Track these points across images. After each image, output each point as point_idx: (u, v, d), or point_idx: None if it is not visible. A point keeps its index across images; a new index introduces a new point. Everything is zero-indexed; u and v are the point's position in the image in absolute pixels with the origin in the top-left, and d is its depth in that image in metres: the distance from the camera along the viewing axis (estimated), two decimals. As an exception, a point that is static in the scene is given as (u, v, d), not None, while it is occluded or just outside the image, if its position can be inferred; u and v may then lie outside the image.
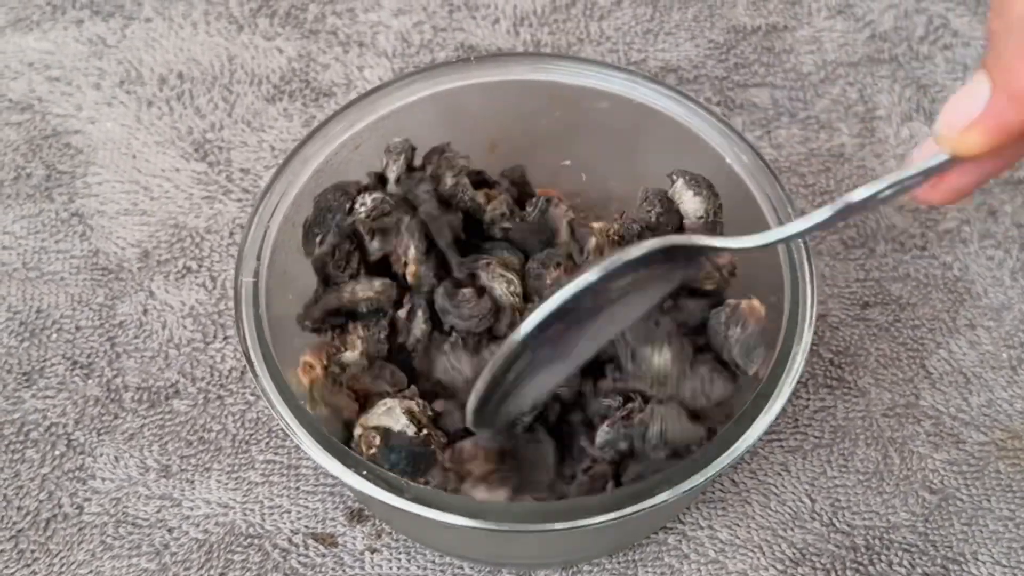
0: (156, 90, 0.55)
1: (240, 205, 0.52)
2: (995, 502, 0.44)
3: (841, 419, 0.46)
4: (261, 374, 0.37)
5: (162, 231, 0.51)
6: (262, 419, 0.46)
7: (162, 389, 0.46)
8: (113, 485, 0.44)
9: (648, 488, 0.35)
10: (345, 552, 0.43)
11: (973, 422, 0.46)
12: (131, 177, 0.52)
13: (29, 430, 0.45)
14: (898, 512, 0.43)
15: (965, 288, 0.49)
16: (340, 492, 0.44)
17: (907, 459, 0.45)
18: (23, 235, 0.51)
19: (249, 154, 0.53)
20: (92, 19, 0.58)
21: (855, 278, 0.49)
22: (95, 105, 0.55)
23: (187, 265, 0.50)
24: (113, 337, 0.48)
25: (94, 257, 0.50)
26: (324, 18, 0.58)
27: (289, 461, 0.45)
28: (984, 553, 0.42)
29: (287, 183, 0.42)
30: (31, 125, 0.54)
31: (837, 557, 0.42)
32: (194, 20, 0.58)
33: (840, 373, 0.47)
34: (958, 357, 0.47)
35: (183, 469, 0.44)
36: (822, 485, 0.44)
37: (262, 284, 0.40)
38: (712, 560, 0.42)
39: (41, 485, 0.44)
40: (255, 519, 0.43)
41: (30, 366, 0.47)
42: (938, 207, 0.51)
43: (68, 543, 0.43)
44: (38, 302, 0.49)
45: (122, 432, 0.45)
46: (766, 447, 0.45)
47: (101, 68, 0.56)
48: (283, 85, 0.56)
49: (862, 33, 0.58)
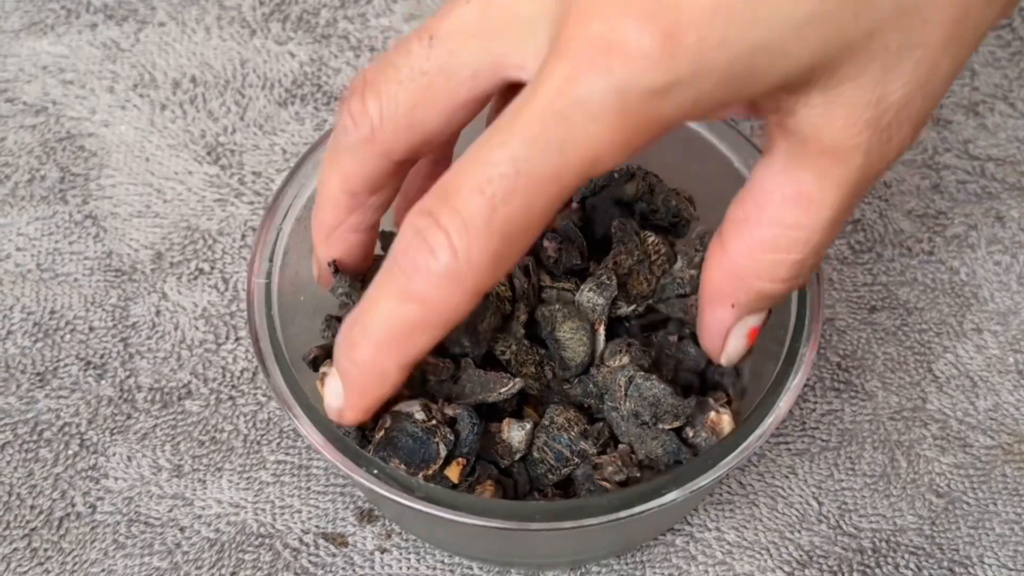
0: (169, 94, 0.56)
1: (252, 208, 0.52)
2: (1001, 506, 0.44)
3: (848, 422, 0.46)
4: (273, 375, 0.38)
5: (175, 233, 0.51)
6: (273, 420, 0.46)
7: (174, 390, 0.47)
8: (126, 484, 0.44)
9: (656, 488, 0.35)
10: (355, 552, 0.43)
11: (980, 426, 0.46)
12: (144, 180, 0.53)
13: (42, 430, 0.46)
14: (905, 515, 0.44)
15: (972, 293, 0.49)
16: (350, 493, 0.44)
17: (914, 462, 0.45)
18: (37, 236, 0.51)
19: (261, 157, 0.54)
20: (106, 23, 0.59)
21: (862, 282, 0.50)
22: (109, 108, 0.56)
23: (199, 267, 0.50)
24: (126, 338, 0.48)
25: (107, 259, 0.50)
26: (336, 23, 0.59)
27: (300, 461, 0.45)
28: (990, 556, 0.43)
29: (299, 186, 0.42)
30: (45, 128, 0.55)
31: (844, 559, 0.43)
32: (207, 24, 0.59)
33: (847, 376, 0.47)
34: (965, 361, 0.48)
35: (195, 469, 0.45)
36: (829, 488, 0.44)
37: (274, 286, 0.40)
38: (719, 562, 0.43)
39: (54, 484, 0.44)
40: (266, 519, 0.44)
41: (44, 366, 0.47)
42: (945, 212, 0.52)
43: (81, 542, 0.43)
44: (52, 303, 0.49)
45: (135, 432, 0.46)
46: (773, 450, 0.45)
47: (115, 72, 0.57)
48: (295, 89, 0.56)
49: (870, 39, 0.58)
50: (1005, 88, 0.56)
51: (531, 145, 0.28)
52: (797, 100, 0.29)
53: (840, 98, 0.29)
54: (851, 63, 0.28)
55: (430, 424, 0.36)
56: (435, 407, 0.37)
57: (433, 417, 0.36)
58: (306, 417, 0.37)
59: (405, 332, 0.31)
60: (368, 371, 0.33)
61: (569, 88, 0.27)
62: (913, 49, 0.28)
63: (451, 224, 0.29)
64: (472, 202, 0.29)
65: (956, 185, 0.53)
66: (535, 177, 0.28)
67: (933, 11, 0.28)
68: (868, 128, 0.29)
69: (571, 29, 0.27)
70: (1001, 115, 0.55)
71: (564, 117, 0.28)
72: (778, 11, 0.27)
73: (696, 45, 0.27)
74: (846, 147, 0.30)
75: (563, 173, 0.28)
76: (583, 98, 0.27)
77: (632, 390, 0.37)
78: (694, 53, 0.27)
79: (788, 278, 0.33)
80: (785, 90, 0.29)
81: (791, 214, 0.31)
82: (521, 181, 0.28)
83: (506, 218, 0.29)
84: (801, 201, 0.31)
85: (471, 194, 0.29)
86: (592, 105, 0.27)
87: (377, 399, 0.34)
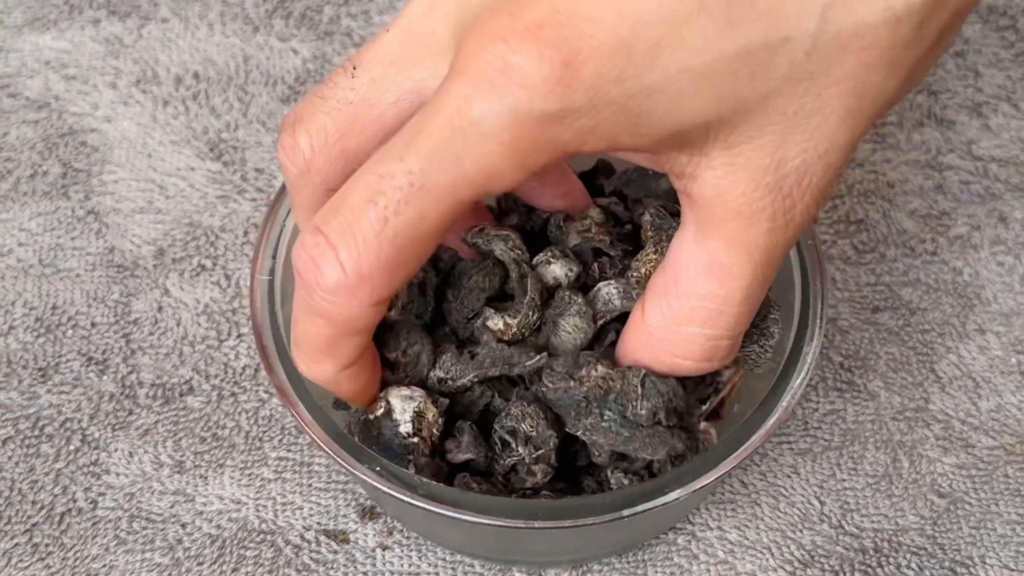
0: (172, 90, 0.56)
1: (254, 204, 0.52)
2: (1003, 506, 0.44)
3: (851, 422, 0.46)
4: (276, 371, 0.38)
5: (177, 229, 0.51)
6: (275, 416, 0.46)
7: (176, 386, 0.47)
8: (127, 480, 0.44)
9: (659, 486, 0.35)
10: (357, 549, 0.43)
11: (982, 426, 0.46)
12: (146, 176, 0.53)
13: (44, 425, 0.46)
14: (907, 515, 0.44)
15: (975, 293, 0.49)
16: (352, 489, 0.44)
17: (916, 463, 0.45)
18: (39, 232, 0.51)
19: (264, 154, 0.54)
20: (109, 19, 0.59)
21: (865, 282, 0.50)
22: (111, 104, 0.55)
23: (202, 263, 0.50)
24: (128, 334, 0.48)
25: (109, 254, 0.50)
26: (339, 20, 0.59)
27: (302, 458, 0.45)
28: (992, 557, 0.43)
29: (303, 182, 0.42)
30: (47, 123, 0.55)
31: (846, 559, 0.43)
32: (210, 21, 0.58)
33: (850, 376, 0.47)
34: (968, 362, 0.48)
35: (197, 465, 0.45)
36: (831, 488, 0.44)
37: (277, 282, 0.40)
38: (721, 561, 0.43)
39: (56, 480, 0.44)
40: (268, 515, 0.43)
41: (45, 362, 0.47)
42: (948, 213, 0.52)
43: (82, 537, 0.43)
44: (54, 298, 0.49)
45: (136, 428, 0.46)
46: (776, 449, 0.45)
47: (117, 67, 0.57)
48: (298, 86, 0.56)
49: (874, 39, 0.58)
50: (1008, 89, 0.56)
51: (428, 159, 0.29)
52: (699, 162, 0.30)
53: (740, 159, 0.30)
54: (748, 123, 0.29)
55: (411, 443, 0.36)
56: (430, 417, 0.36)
57: (419, 435, 0.36)
58: (308, 414, 0.37)
59: (325, 344, 0.33)
60: (317, 379, 0.34)
61: (466, 107, 0.28)
62: (809, 117, 0.29)
63: (340, 240, 0.30)
64: (364, 214, 0.29)
65: (959, 186, 0.53)
66: (429, 190, 0.29)
67: (828, 82, 0.29)
68: (770, 192, 0.30)
69: (472, 50, 0.28)
70: (1005, 116, 0.55)
71: (461, 133, 0.28)
72: (675, 61, 0.28)
73: (593, 78, 0.27)
74: (751, 211, 0.30)
75: (458, 187, 0.29)
76: (478, 118, 0.28)
77: (649, 387, 0.36)
78: (590, 85, 0.27)
79: (701, 357, 0.34)
80: (687, 145, 0.30)
81: (705, 285, 0.32)
82: (415, 194, 0.29)
83: (398, 230, 0.29)
84: (714, 272, 0.32)
85: (363, 206, 0.30)
86: (486, 125, 0.28)
87: (349, 392, 0.35)
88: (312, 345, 0.33)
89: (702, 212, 0.31)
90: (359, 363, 0.34)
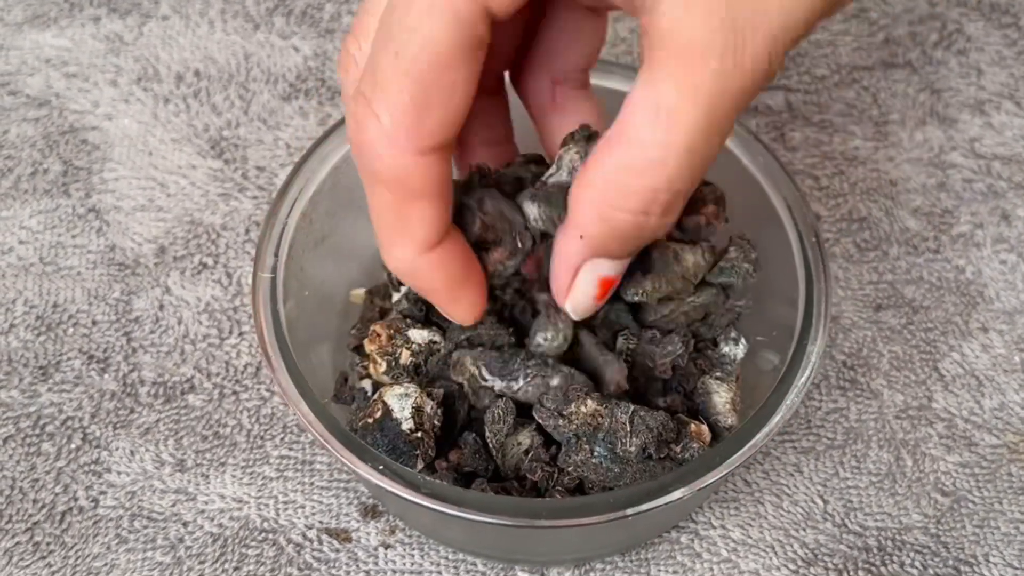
0: (173, 87, 0.56)
1: (256, 202, 0.52)
2: (1007, 505, 0.44)
3: (854, 421, 0.46)
4: (278, 369, 0.38)
5: (178, 227, 0.51)
6: (277, 415, 0.46)
7: (178, 384, 0.47)
8: (128, 479, 0.44)
9: (662, 486, 0.35)
10: (359, 548, 0.43)
11: (985, 425, 0.46)
12: (147, 174, 0.53)
13: (45, 424, 0.45)
14: (910, 514, 0.44)
15: (978, 292, 0.49)
16: (354, 488, 0.44)
17: (919, 461, 0.45)
18: (40, 230, 0.51)
19: (265, 152, 0.54)
20: (109, 16, 0.59)
21: (868, 280, 0.50)
22: (112, 102, 0.55)
23: (203, 261, 0.50)
24: (129, 332, 0.48)
25: (110, 252, 0.50)
26: (340, 17, 0.59)
27: (303, 457, 0.45)
28: (996, 555, 0.43)
29: (305, 180, 0.42)
30: (48, 121, 0.55)
31: (849, 558, 0.42)
32: (211, 18, 0.58)
33: (853, 375, 0.47)
34: (971, 360, 0.47)
35: (198, 464, 0.45)
36: (835, 486, 0.44)
37: (279, 280, 0.40)
38: (724, 559, 0.42)
39: (57, 478, 0.44)
40: (269, 514, 0.43)
41: (46, 360, 0.47)
42: (951, 211, 0.52)
43: (83, 536, 0.43)
44: (55, 296, 0.49)
45: (138, 426, 0.45)
46: (779, 448, 0.45)
47: (118, 65, 0.57)
48: (299, 83, 0.56)
49: (876, 37, 0.58)
50: (1011, 87, 0.56)
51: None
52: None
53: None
54: None
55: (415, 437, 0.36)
56: (428, 411, 0.36)
57: (422, 429, 0.36)
58: (310, 412, 0.37)
59: (394, 217, 0.33)
60: (399, 268, 0.35)
61: None
62: None
63: (371, 93, 0.31)
64: (382, 57, 0.31)
65: (962, 183, 0.53)
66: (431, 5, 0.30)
67: None
68: (723, 28, 0.29)
69: None
70: (1007, 114, 0.55)
71: None
72: None
73: None
74: (702, 46, 0.29)
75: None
76: None
77: (638, 423, 0.36)
78: None
79: (638, 210, 0.32)
80: None
81: (648, 132, 0.30)
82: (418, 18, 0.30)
83: (412, 58, 0.30)
84: (660, 115, 0.30)
85: (381, 53, 0.31)
86: None
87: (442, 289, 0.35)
88: (383, 222, 0.33)
89: (656, 49, 0.30)
90: (441, 248, 0.34)
